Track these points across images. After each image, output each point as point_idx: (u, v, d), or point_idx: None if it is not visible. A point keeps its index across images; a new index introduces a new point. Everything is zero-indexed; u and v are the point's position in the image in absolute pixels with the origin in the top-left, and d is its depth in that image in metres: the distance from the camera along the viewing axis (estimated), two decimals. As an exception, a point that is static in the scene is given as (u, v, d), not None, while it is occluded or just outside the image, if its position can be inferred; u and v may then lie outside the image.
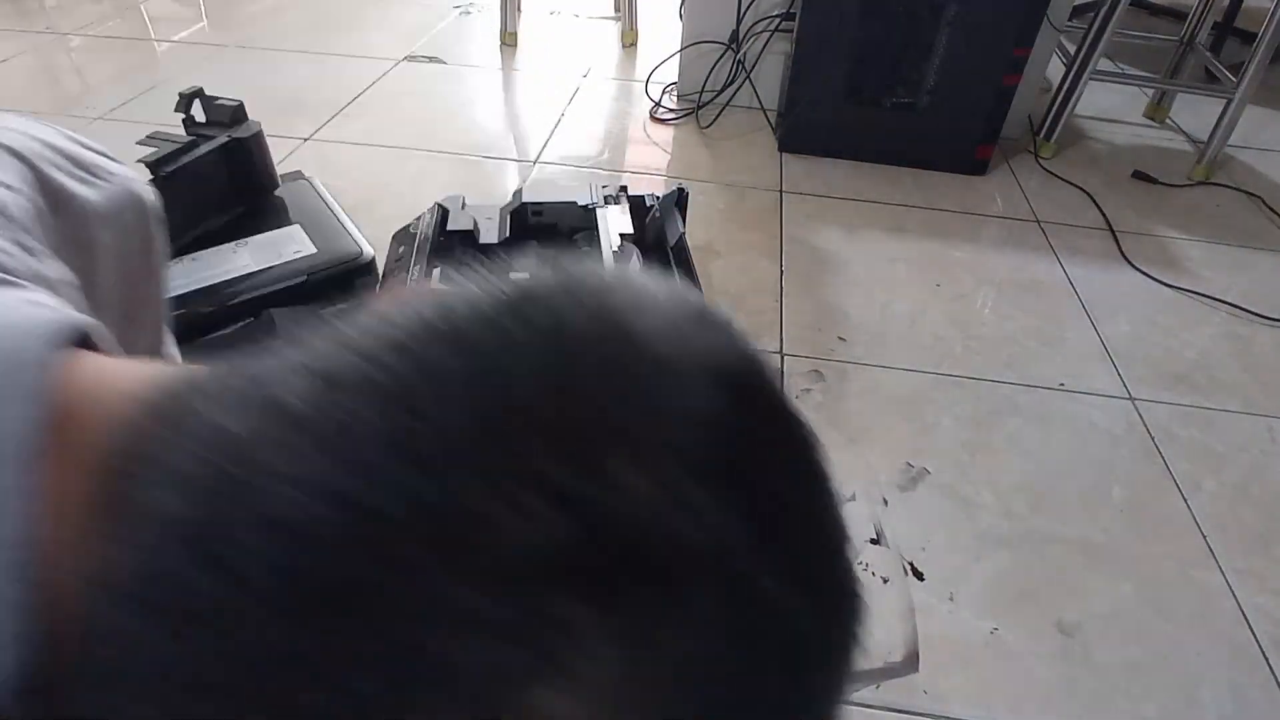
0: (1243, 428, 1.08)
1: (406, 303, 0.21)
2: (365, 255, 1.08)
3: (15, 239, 0.31)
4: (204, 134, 1.09)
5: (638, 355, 0.19)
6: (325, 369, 0.20)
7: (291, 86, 1.84)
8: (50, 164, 0.36)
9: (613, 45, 2.22)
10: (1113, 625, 0.81)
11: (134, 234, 0.41)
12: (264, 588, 0.17)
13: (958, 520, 0.92)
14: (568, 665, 0.16)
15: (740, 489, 0.19)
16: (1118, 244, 1.45)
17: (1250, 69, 1.59)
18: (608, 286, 0.21)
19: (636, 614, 0.17)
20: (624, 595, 0.17)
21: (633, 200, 1.20)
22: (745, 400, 0.20)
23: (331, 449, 0.18)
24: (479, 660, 0.16)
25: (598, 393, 0.19)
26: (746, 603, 0.18)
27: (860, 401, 1.07)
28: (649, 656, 0.17)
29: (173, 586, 0.18)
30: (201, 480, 0.19)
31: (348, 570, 0.17)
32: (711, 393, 0.19)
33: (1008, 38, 1.50)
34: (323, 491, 0.17)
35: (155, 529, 0.19)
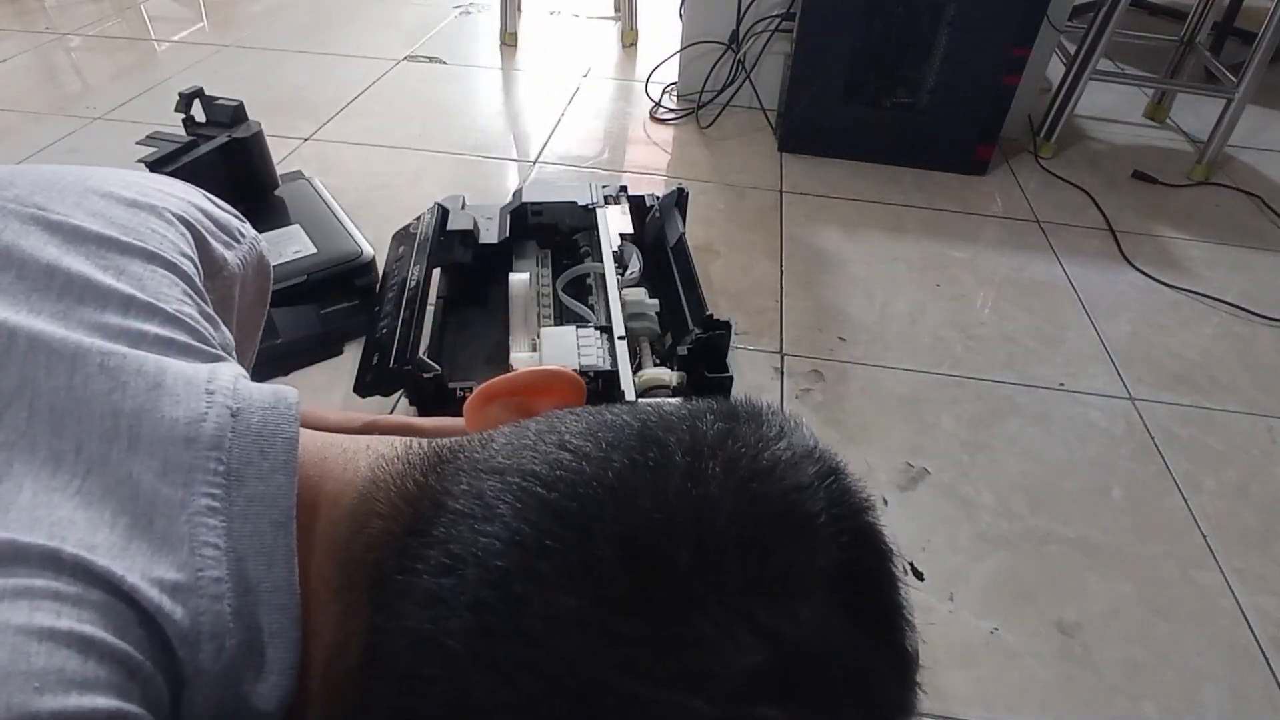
0: (1243, 428, 1.08)
1: (615, 443, 0.26)
2: (365, 255, 1.08)
3: (204, 311, 0.34)
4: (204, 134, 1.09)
5: (804, 511, 0.25)
6: (553, 500, 0.24)
7: (291, 86, 1.84)
8: (207, 230, 0.38)
9: (613, 45, 2.22)
10: (1113, 625, 0.81)
11: (253, 287, 0.44)
12: (534, 692, 0.22)
13: (958, 520, 0.92)
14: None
15: (863, 610, 0.25)
16: (1118, 244, 1.45)
17: (1250, 69, 1.59)
18: (772, 450, 0.27)
19: (810, 712, 0.22)
20: (802, 699, 0.22)
21: (633, 200, 1.20)
22: (868, 544, 0.26)
23: (576, 583, 0.23)
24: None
25: (776, 542, 0.24)
26: (871, 694, 0.24)
27: (860, 401, 1.07)
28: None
29: (446, 676, 0.23)
30: (463, 593, 0.23)
31: (598, 677, 0.21)
32: (849, 541, 0.25)
33: (1008, 38, 1.50)
34: (578, 620, 0.22)
35: (425, 618, 0.23)
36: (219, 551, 0.25)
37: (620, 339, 0.90)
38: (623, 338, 0.91)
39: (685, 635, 0.22)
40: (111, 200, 0.34)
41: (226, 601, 0.24)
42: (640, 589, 0.22)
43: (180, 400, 0.27)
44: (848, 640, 0.24)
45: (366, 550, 0.26)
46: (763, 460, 0.26)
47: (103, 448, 0.25)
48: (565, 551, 0.23)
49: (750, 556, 0.23)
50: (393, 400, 1.00)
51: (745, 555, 0.23)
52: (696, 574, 0.23)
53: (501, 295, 1.05)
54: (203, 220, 0.38)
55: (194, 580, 0.24)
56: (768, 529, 0.24)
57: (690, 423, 0.27)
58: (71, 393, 0.26)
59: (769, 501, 0.25)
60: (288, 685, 0.25)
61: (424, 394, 0.87)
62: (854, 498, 0.27)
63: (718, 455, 0.25)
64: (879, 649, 0.25)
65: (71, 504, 0.23)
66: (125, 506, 0.24)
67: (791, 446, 0.27)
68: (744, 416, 0.28)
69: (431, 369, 0.84)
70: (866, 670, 0.24)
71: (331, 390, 1.02)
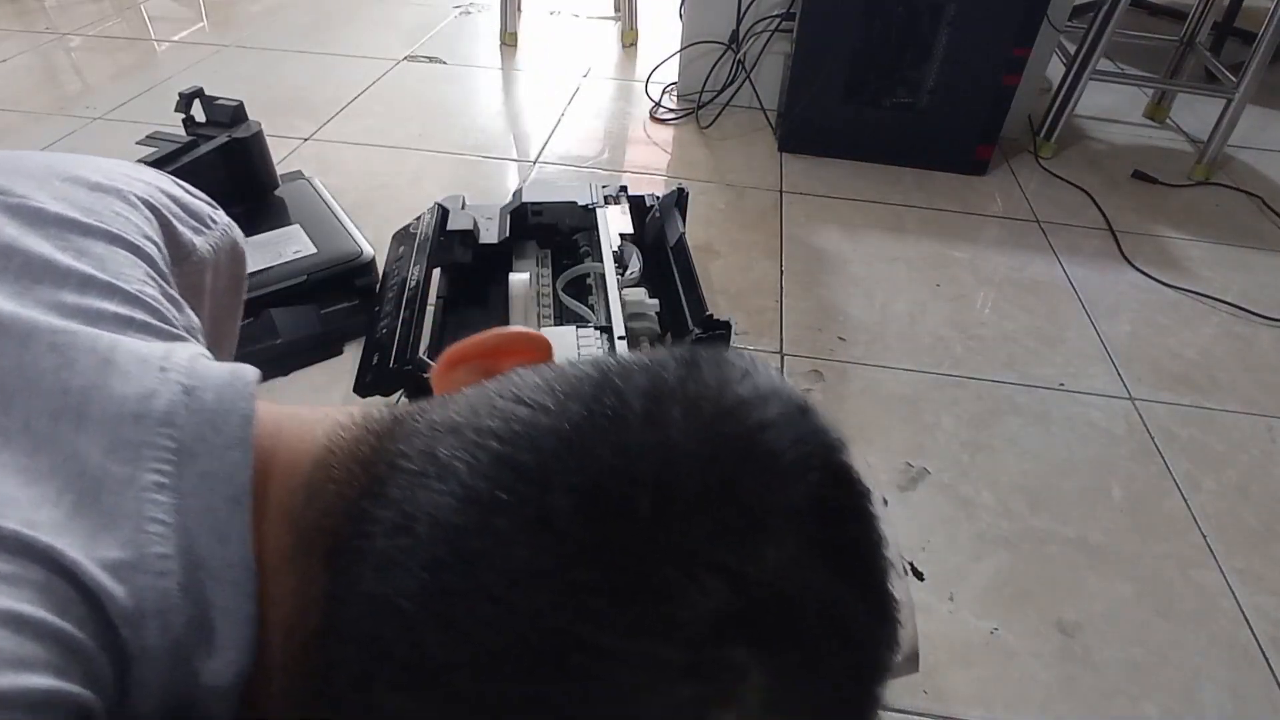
0: (1243, 428, 1.08)
1: (571, 392, 0.26)
2: (365, 255, 1.08)
3: (167, 293, 0.34)
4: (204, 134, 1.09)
5: (768, 449, 0.24)
6: (511, 454, 0.24)
7: (291, 86, 1.84)
8: (173, 215, 0.38)
9: (613, 45, 2.22)
10: (1113, 625, 0.81)
11: (226, 274, 0.43)
12: (495, 648, 0.21)
13: (957, 520, 0.92)
14: (737, 694, 0.21)
15: (837, 548, 0.24)
16: (1118, 244, 1.45)
17: (1250, 69, 1.59)
18: (734, 390, 0.26)
19: (784, 654, 0.22)
20: (774, 641, 0.22)
21: (633, 200, 1.20)
22: (838, 480, 0.26)
23: (534, 536, 0.22)
24: (672, 693, 0.21)
25: (740, 483, 0.23)
26: (849, 633, 0.24)
27: (860, 401, 1.07)
28: (794, 683, 0.22)
29: (405, 638, 0.22)
30: (417, 553, 0.23)
31: (561, 638, 0.21)
32: (818, 478, 0.25)
33: (1008, 38, 1.50)
34: (537, 573, 0.22)
35: (371, 577, 0.23)
36: (166, 528, 0.24)
37: (620, 339, 0.90)
38: (623, 338, 0.91)
39: (648, 583, 0.21)
40: (75, 184, 0.34)
41: (173, 578, 0.24)
42: (600, 539, 0.22)
43: (131, 377, 0.26)
44: (820, 580, 0.23)
45: (322, 517, 0.26)
46: (725, 401, 0.25)
47: (50, 425, 0.25)
48: (522, 505, 0.22)
49: (713, 498, 0.23)
50: (393, 400, 1.00)
51: (708, 498, 0.23)
52: (658, 520, 0.22)
53: (501, 295, 1.05)
54: (169, 205, 0.38)
55: (138, 557, 0.23)
56: (731, 469, 0.24)
57: (651, 370, 0.26)
58: (21, 371, 0.26)
59: (731, 441, 0.24)
60: (243, 661, 0.25)
61: (424, 394, 0.86)
62: (824, 435, 0.26)
63: (677, 399, 0.25)
64: (855, 588, 0.24)
65: (15, 481, 0.23)
66: (71, 484, 0.24)
67: (756, 386, 0.26)
68: (706, 360, 0.27)
69: (431, 368, 0.84)
70: (842, 610, 0.23)
71: (331, 390, 1.02)
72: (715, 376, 0.26)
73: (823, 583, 0.23)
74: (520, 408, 0.25)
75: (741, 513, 0.23)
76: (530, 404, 0.25)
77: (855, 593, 0.24)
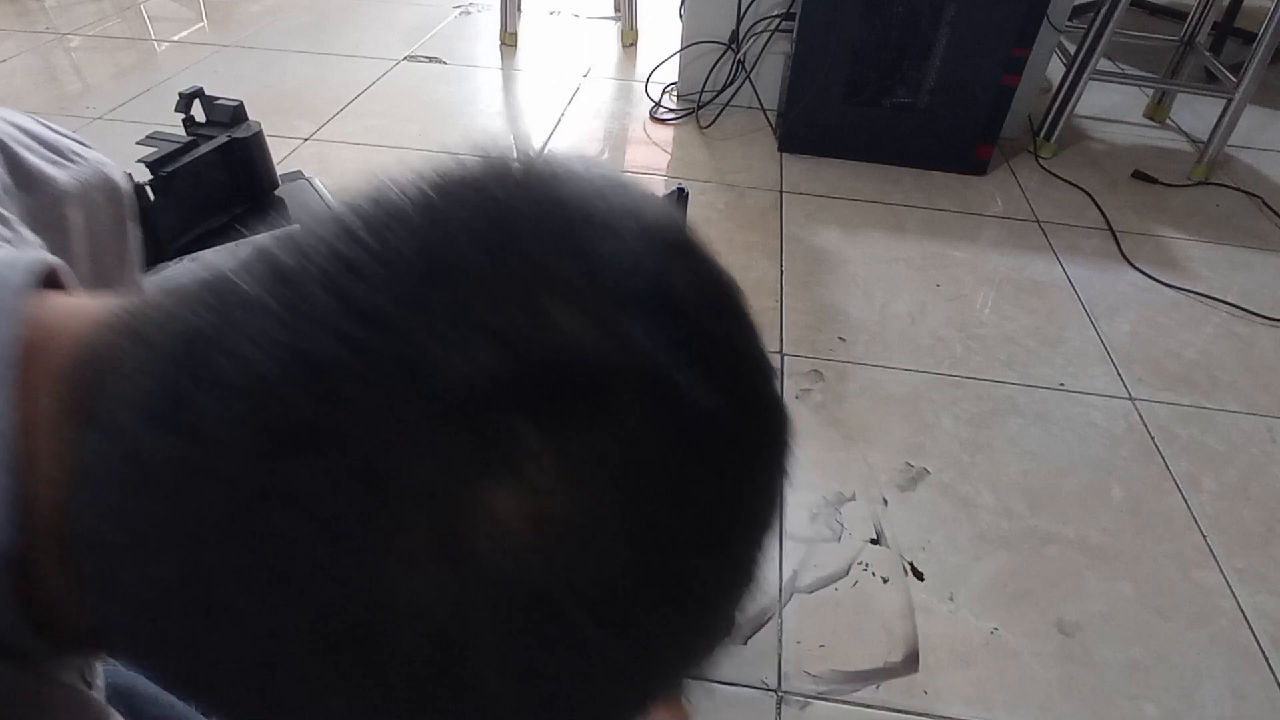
0: (1243, 428, 1.08)
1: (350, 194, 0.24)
2: (365, 255, 1.08)
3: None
4: (204, 134, 1.09)
5: (565, 209, 0.22)
6: (272, 254, 0.23)
7: (291, 86, 1.84)
8: (20, 144, 0.37)
9: (613, 45, 2.22)
10: (1113, 625, 0.81)
11: (105, 214, 0.42)
12: (229, 439, 0.20)
13: (958, 520, 0.92)
14: (511, 467, 0.19)
15: (666, 318, 0.21)
16: (1118, 244, 1.45)
17: (1250, 69, 1.59)
18: (535, 158, 0.24)
19: (571, 422, 0.19)
20: (559, 408, 0.19)
21: (633, 200, 1.20)
22: (667, 245, 0.23)
23: (280, 314, 0.20)
24: (432, 468, 0.19)
25: (529, 243, 0.21)
26: (677, 411, 0.20)
27: (860, 401, 1.07)
28: (584, 456, 0.19)
29: (147, 457, 0.21)
30: (160, 364, 0.22)
31: (304, 412, 0.19)
32: (635, 238, 0.22)
33: (1008, 38, 1.50)
34: (274, 349, 0.20)
35: (123, 412, 0.22)
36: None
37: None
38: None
39: (415, 345, 0.19)
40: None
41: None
42: (342, 306, 0.20)
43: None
44: (647, 351, 0.20)
45: (82, 375, 0.25)
46: (518, 175, 0.24)
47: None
48: (266, 298, 0.21)
49: (493, 260, 0.21)
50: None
51: (490, 258, 0.21)
52: (430, 280, 0.20)
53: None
54: (14, 134, 0.38)
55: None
56: (517, 228, 0.22)
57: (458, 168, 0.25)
58: None
59: (520, 205, 0.22)
60: (6, 536, 0.24)
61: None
62: (647, 199, 0.24)
63: (471, 179, 0.24)
64: (705, 374, 0.21)
65: None
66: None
67: (562, 160, 0.24)
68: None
69: None
70: (672, 388, 0.20)
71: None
72: (508, 168, 0.25)
73: (646, 350, 0.20)
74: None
75: (522, 271, 0.21)
76: (286, 234, 0.25)
77: (696, 370, 0.21)
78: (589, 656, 0.20)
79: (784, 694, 0.73)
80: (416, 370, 0.19)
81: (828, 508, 0.92)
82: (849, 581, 0.84)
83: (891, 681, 0.75)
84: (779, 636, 0.78)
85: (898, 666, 0.76)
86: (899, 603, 0.82)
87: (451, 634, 0.19)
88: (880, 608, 0.81)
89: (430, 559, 0.19)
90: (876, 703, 0.73)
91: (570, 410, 0.19)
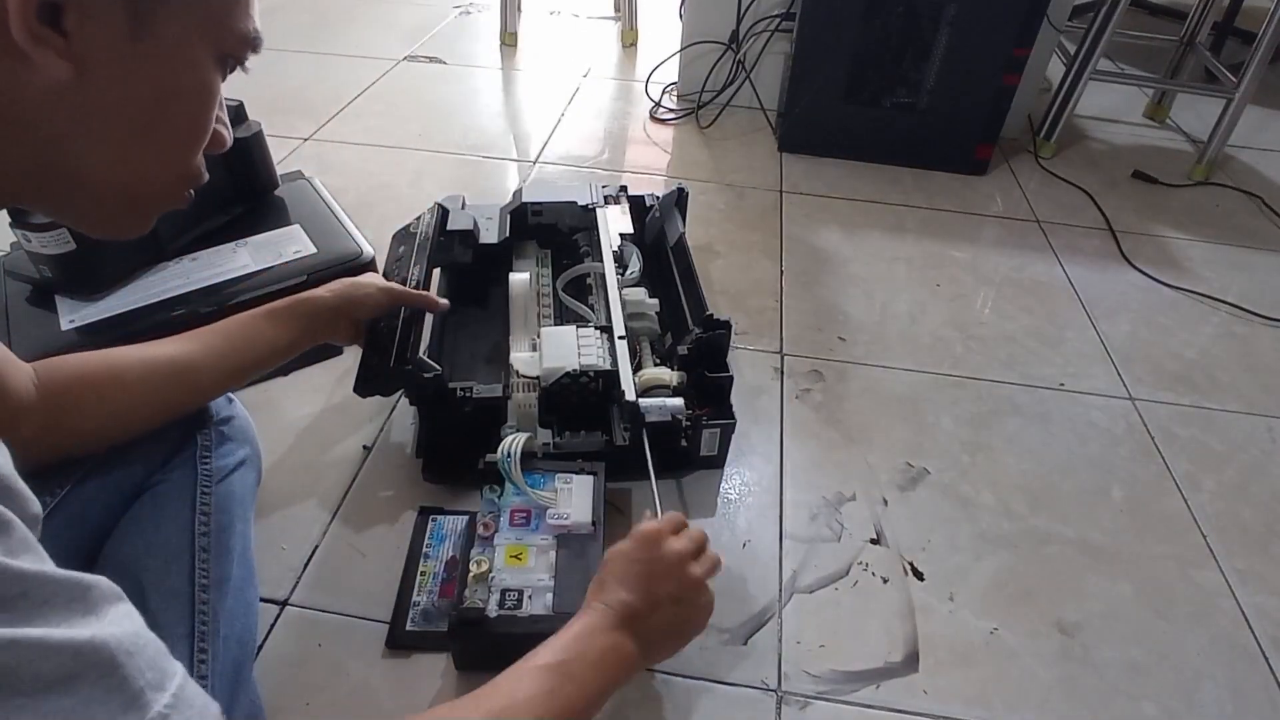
0: (1243, 428, 1.08)
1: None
2: (365, 255, 1.08)
3: None
4: (204, 134, 1.09)
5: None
6: None
7: (291, 86, 1.84)
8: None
9: (613, 45, 2.22)
10: (1113, 625, 0.81)
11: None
12: None
13: (958, 520, 0.92)
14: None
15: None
16: (1118, 244, 1.46)
17: (1250, 69, 1.59)
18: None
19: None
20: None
21: (633, 200, 1.20)
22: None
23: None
24: None
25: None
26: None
27: (860, 401, 1.07)
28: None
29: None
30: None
31: None
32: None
33: (1008, 38, 1.51)
34: None
35: None
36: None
37: (620, 339, 0.90)
38: (623, 337, 0.91)
39: None
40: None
41: None
42: None
43: None
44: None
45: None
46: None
47: None
48: None
49: None
50: (392, 400, 1.00)
51: None
52: None
53: (501, 295, 1.05)
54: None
55: None
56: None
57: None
58: None
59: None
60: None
61: (424, 394, 0.87)
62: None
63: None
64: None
65: None
66: None
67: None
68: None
69: (432, 369, 0.84)
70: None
71: (332, 390, 1.02)
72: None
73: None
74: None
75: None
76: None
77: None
78: None
79: (784, 694, 0.73)
80: None
81: (828, 508, 0.92)
82: (849, 581, 0.84)
83: (891, 681, 0.75)
84: (779, 636, 0.78)
85: (898, 666, 0.76)
86: (899, 603, 0.82)
87: None
88: (880, 608, 0.81)
89: None
90: (876, 703, 0.73)
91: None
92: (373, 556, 0.82)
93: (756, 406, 1.05)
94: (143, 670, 0.31)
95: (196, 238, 1.07)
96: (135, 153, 0.42)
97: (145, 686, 0.31)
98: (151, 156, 0.43)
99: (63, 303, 0.95)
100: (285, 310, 0.77)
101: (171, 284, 0.99)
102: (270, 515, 0.85)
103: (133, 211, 0.45)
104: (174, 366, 0.66)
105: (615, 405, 0.89)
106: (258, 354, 0.73)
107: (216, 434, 0.69)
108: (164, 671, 0.33)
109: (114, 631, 0.31)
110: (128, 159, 0.42)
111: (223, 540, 0.63)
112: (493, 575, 0.72)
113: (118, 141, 0.40)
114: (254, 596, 0.67)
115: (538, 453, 0.85)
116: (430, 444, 0.93)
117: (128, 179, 0.43)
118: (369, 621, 0.76)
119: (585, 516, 0.77)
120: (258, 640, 0.69)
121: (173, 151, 0.44)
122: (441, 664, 0.73)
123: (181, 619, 0.56)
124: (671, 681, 0.73)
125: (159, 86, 0.41)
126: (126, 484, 0.63)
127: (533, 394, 0.86)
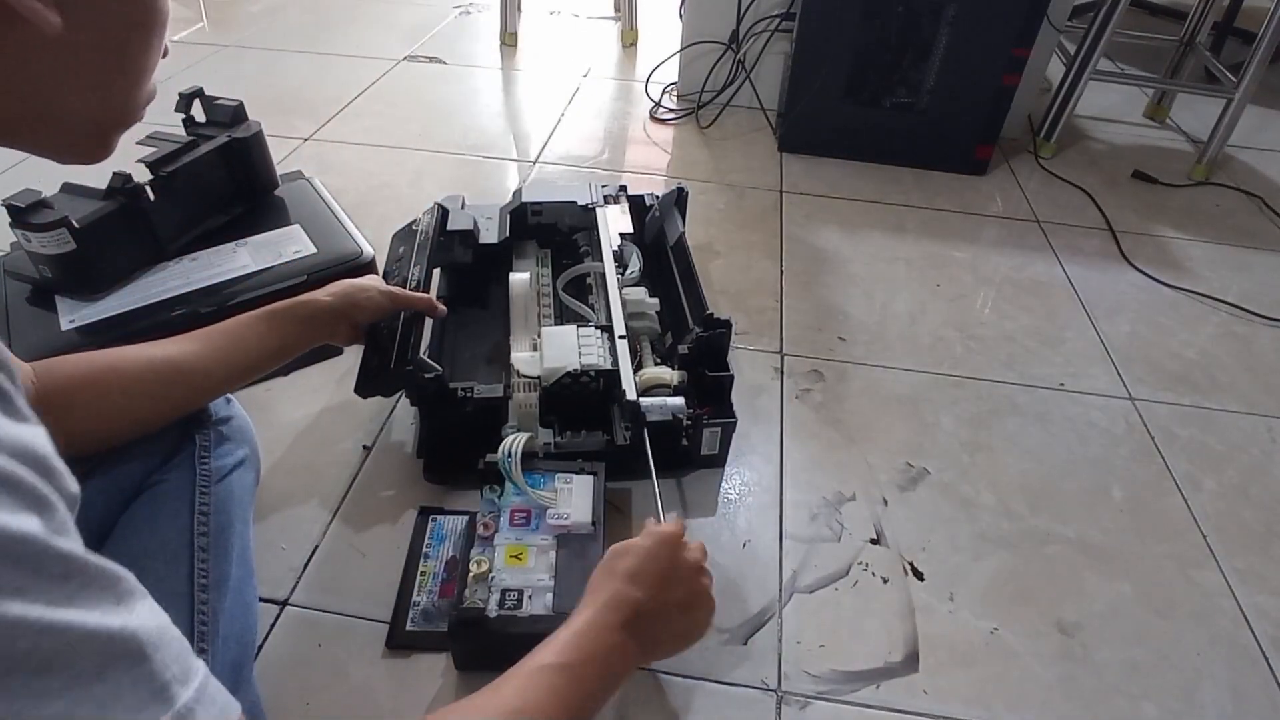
0: (1243, 428, 1.08)
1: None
2: (365, 255, 1.08)
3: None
4: (204, 134, 1.09)
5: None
6: None
7: (291, 86, 1.84)
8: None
9: (613, 45, 2.22)
10: (1113, 625, 0.81)
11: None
12: None
13: (958, 520, 0.92)
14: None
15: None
16: (1118, 244, 1.46)
17: (1250, 69, 1.59)
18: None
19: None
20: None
21: (633, 200, 1.20)
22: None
23: None
24: None
25: None
26: None
27: (860, 401, 1.07)
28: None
29: None
30: None
31: None
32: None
33: (1007, 38, 1.51)
34: None
35: None
36: None
37: (621, 338, 0.90)
38: (623, 337, 0.91)
39: None
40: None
41: None
42: None
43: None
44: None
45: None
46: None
47: None
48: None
49: None
50: (392, 400, 1.00)
51: None
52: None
53: (502, 295, 1.05)
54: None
55: None
56: None
57: None
58: None
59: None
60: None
61: (424, 394, 0.87)
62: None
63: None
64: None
65: None
66: None
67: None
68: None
69: (432, 369, 0.84)
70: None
71: (332, 390, 1.02)
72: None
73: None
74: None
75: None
76: None
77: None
78: None
79: (784, 694, 0.73)
80: None
81: (828, 508, 0.92)
82: (849, 581, 0.84)
83: (891, 681, 0.75)
84: (779, 636, 0.78)
85: (898, 666, 0.76)
86: (899, 603, 0.82)
87: None
88: (880, 608, 0.81)
89: None
90: (876, 703, 0.73)
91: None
92: (373, 556, 0.82)
93: (756, 406, 1.05)
94: (168, 664, 0.32)
95: (196, 238, 1.07)
96: (110, 85, 0.43)
97: (172, 680, 0.32)
98: (123, 86, 0.44)
99: (63, 303, 0.96)
100: (285, 312, 0.77)
101: (171, 284, 0.99)
102: (270, 515, 0.85)
103: (101, 138, 0.46)
104: (174, 367, 0.66)
105: (616, 405, 0.89)
106: (258, 355, 0.73)
107: (215, 434, 0.69)
108: (189, 667, 0.33)
109: (144, 623, 0.31)
110: (102, 92, 0.43)
111: (222, 540, 0.63)
112: (493, 575, 0.72)
113: (95, 77, 0.42)
114: (253, 596, 0.67)
115: (538, 452, 0.85)
116: (431, 444, 0.93)
117: (101, 110, 0.44)
118: (369, 621, 0.76)
119: (585, 516, 0.77)
120: (258, 640, 0.69)
121: (141, 77, 0.45)
122: (441, 664, 0.73)
123: (181, 619, 0.56)
124: (671, 681, 0.73)
125: (128, 18, 0.42)
126: (125, 484, 0.63)
127: (533, 394, 0.86)
